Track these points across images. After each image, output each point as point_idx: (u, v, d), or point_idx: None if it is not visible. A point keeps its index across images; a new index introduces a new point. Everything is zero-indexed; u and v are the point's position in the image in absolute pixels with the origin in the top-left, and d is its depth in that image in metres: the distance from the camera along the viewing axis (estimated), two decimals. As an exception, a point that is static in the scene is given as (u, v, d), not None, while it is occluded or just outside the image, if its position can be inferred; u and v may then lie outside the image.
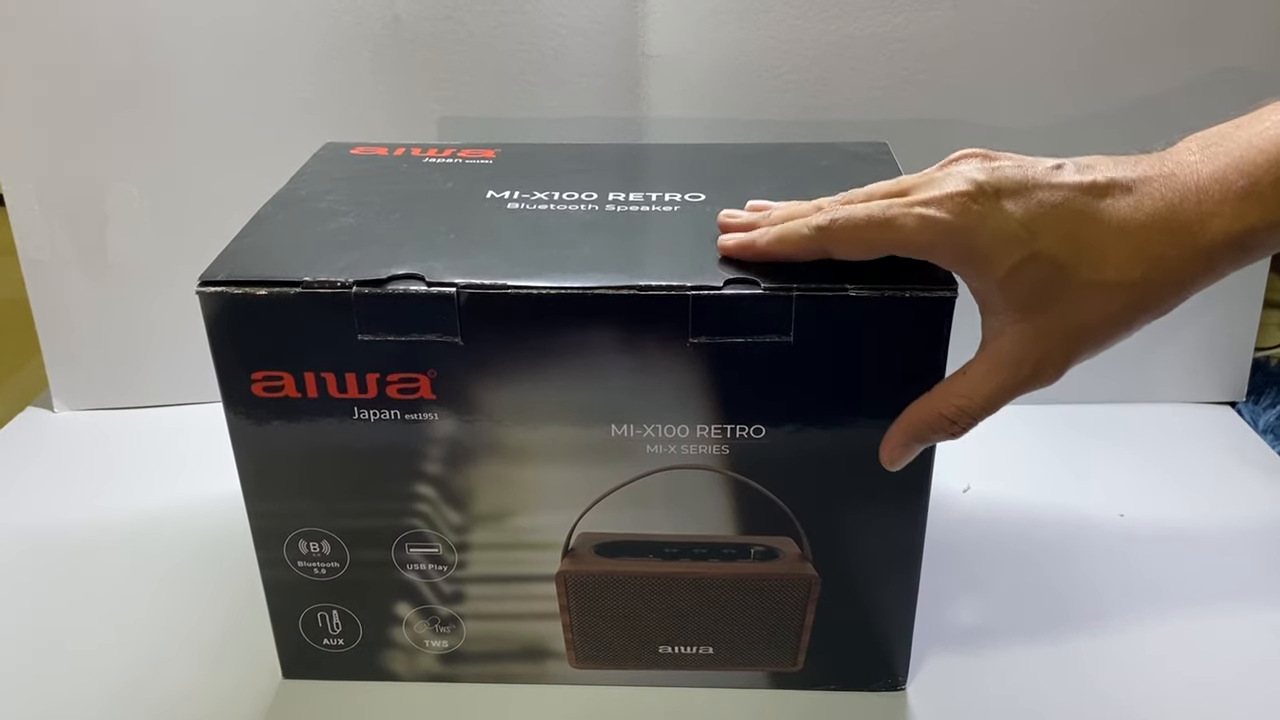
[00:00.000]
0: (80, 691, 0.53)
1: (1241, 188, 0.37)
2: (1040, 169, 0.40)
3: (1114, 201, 0.39)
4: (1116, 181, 0.39)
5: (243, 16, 0.68)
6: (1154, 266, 0.38)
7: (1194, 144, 0.40)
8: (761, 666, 0.52)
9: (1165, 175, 0.39)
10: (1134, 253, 0.38)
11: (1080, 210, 0.39)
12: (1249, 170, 0.37)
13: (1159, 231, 0.38)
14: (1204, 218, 0.38)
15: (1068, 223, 0.39)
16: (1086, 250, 0.39)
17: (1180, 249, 0.38)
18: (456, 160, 0.57)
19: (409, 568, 0.50)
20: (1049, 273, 0.39)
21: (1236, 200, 0.37)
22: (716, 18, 0.68)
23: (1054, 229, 0.39)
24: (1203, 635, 0.56)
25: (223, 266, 0.45)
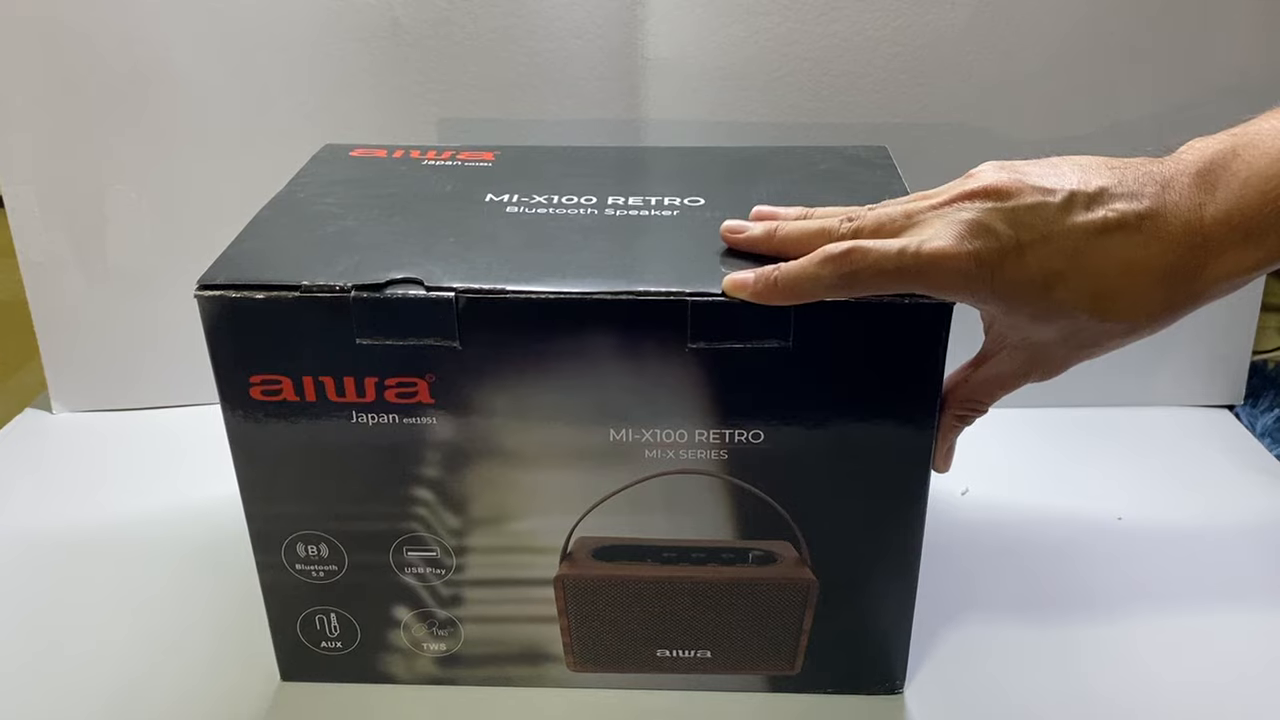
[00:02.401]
0: (78, 693, 0.53)
1: (1243, 233, 0.38)
2: (1051, 209, 0.40)
3: (1123, 244, 0.40)
4: (1125, 220, 0.40)
5: (242, 19, 0.68)
6: (1159, 306, 0.40)
7: (1193, 170, 0.40)
8: (759, 670, 0.52)
9: (1169, 212, 0.40)
10: (1141, 296, 0.40)
11: (1094, 256, 0.40)
12: (1250, 213, 0.38)
13: (1164, 275, 0.40)
14: (1206, 264, 0.39)
15: (1082, 271, 0.40)
16: (1100, 294, 0.40)
17: (1182, 292, 0.40)
18: (456, 162, 0.57)
19: (407, 571, 0.50)
20: (1067, 316, 0.41)
21: (1237, 246, 0.39)
22: (716, 20, 0.68)
23: (1072, 284, 0.40)
24: (1201, 637, 0.56)
25: (221, 269, 0.45)
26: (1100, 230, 0.40)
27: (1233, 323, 0.75)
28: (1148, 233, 0.39)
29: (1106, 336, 0.42)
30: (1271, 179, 0.38)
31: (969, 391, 0.46)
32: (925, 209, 0.42)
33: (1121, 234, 0.40)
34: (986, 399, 0.46)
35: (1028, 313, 0.41)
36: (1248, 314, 0.74)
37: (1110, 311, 0.40)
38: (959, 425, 0.47)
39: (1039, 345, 0.43)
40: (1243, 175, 0.39)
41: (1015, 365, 0.44)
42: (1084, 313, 0.40)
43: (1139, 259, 0.39)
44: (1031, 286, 0.40)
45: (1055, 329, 0.42)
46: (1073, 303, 0.40)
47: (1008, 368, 0.45)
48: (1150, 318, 0.41)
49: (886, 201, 0.45)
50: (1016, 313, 0.42)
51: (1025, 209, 0.41)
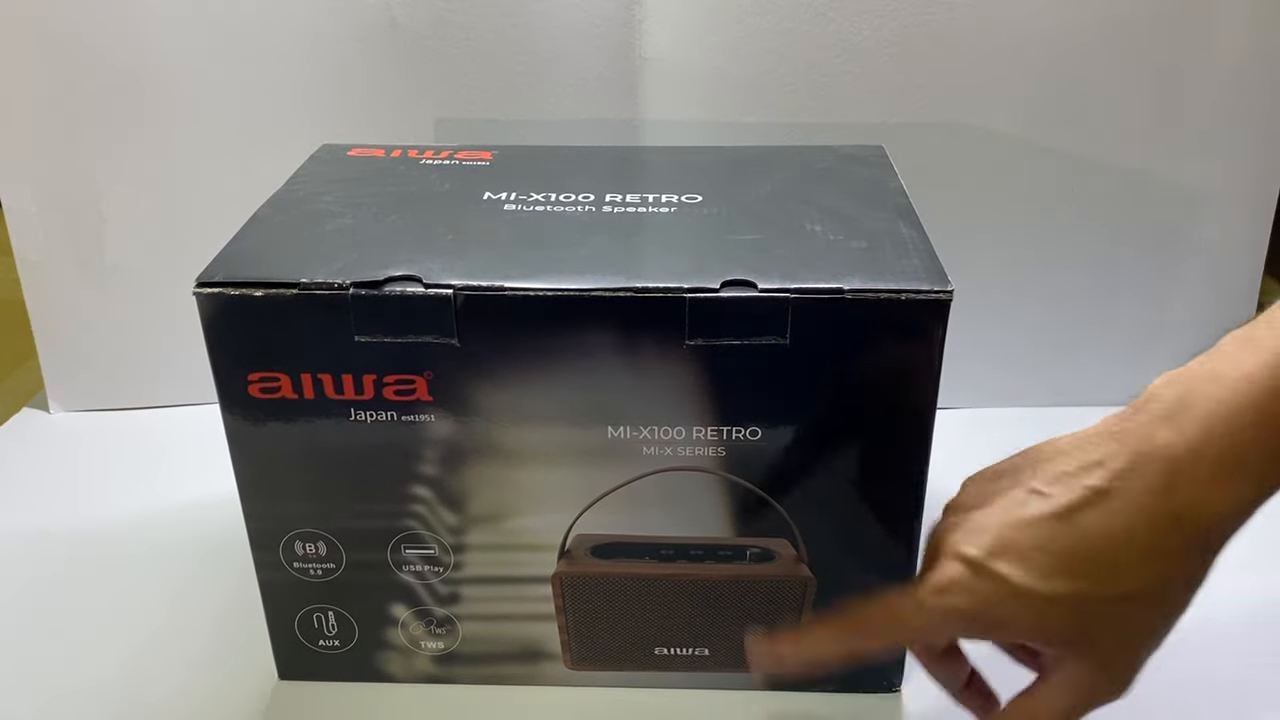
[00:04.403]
0: (75, 693, 0.53)
1: (1223, 470, 0.35)
2: (1011, 514, 0.39)
3: (1104, 514, 0.37)
4: (1094, 489, 0.37)
5: (240, 19, 0.68)
6: (1163, 562, 0.37)
7: (1160, 409, 0.37)
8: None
9: (1142, 462, 0.36)
10: (1139, 561, 0.37)
11: (1070, 540, 0.37)
12: (1225, 451, 0.35)
13: (1154, 532, 0.36)
14: (1196, 503, 0.36)
15: (1067, 556, 0.37)
16: (1096, 573, 0.37)
17: (1182, 538, 0.36)
18: (453, 162, 0.57)
19: (405, 569, 0.50)
20: (1071, 608, 0.38)
21: (1220, 484, 0.36)
22: (713, 20, 0.68)
23: (1056, 569, 0.37)
24: (1198, 632, 0.56)
25: (219, 268, 0.45)
26: (1068, 511, 0.37)
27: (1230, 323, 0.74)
28: (1123, 494, 0.36)
29: (1138, 625, 0.39)
30: (1241, 409, 0.35)
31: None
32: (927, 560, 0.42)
33: (1097, 503, 0.37)
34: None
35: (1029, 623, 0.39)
36: (1245, 314, 0.74)
37: (1114, 584, 0.37)
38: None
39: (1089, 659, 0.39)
40: (1206, 409, 0.36)
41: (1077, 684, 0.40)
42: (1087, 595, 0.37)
43: (1126, 523, 0.37)
44: (1024, 598, 0.38)
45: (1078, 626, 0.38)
46: (1070, 590, 0.37)
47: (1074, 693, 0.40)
48: (1161, 579, 0.37)
49: None
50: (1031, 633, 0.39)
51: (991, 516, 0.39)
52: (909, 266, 0.44)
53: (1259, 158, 0.71)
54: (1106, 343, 0.75)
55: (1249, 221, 0.73)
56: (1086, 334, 0.75)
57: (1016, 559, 0.38)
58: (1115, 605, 0.38)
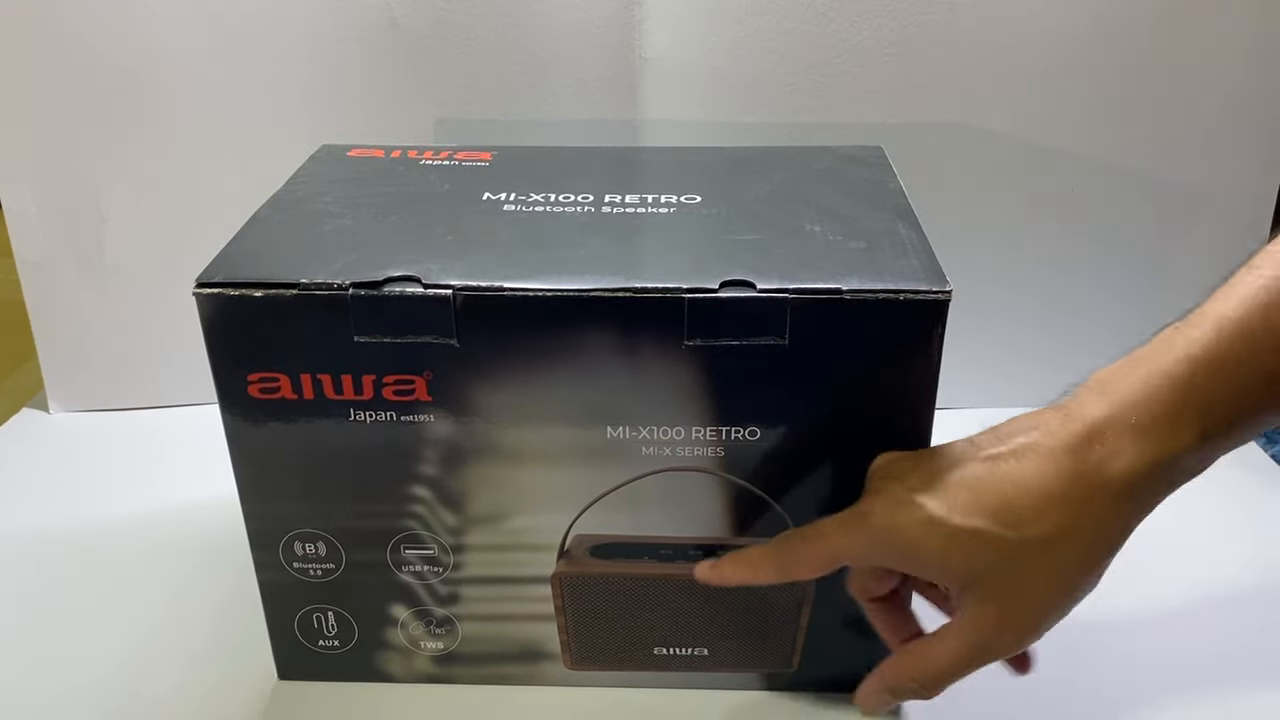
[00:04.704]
0: (75, 693, 0.53)
1: (1136, 427, 0.38)
2: (942, 457, 0.41)
3: (1020, 462, 0.39)
4: (1022, 444, 0.40)
5: (239, 19, 0.68)
6: (1072, 513, 0.39)
7: (1092, 384, 0.40)
8: (757, 668, 0.52)
9: (1068, 424, 0.39)
10: (1045, 503, 0.39)
11: (988, 482, 0.39)
12: (1141, 410, 0.38)
13: (1066, 479, 0.39)
14: (1109, 458, 0.38)
15: (984, 491, 0.39)
16: (1009, 513, 0.39)
17: (1092, 491, 0.38)
18: (453, 162, 0.57)
19: (404, 569, 0.50)
20: (974, 544, 0.39)
21: (1133, 440, 0.38)
22: (713, 20, 0.68)
23: (965, 502, 0.39)
24: (1195, 635, 0.56)
25: (219, 268, 0.45)
26: (995, 456, 0.40)
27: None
28: (1043, 447, 0.39)
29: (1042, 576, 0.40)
30: (1161, 374, 0.38)
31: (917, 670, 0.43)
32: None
33: (1020, 454, 0.39)
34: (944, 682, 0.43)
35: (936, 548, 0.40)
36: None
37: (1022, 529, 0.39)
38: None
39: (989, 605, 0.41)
40: (1136, 377, 0.39)
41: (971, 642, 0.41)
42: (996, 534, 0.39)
43: (1040, 469, 0.39)
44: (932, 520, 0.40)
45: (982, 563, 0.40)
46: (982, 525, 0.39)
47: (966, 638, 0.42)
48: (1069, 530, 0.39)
49: None
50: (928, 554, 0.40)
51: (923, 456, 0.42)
52: (908, 267, 0.44)
53: (1259, 157, 0.71)
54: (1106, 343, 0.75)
55: (1249, 221, 0.73)
56: (1086, 334, 0.75)
57: (937, 491, 0.40)
58: (1021, 550, 0.39)
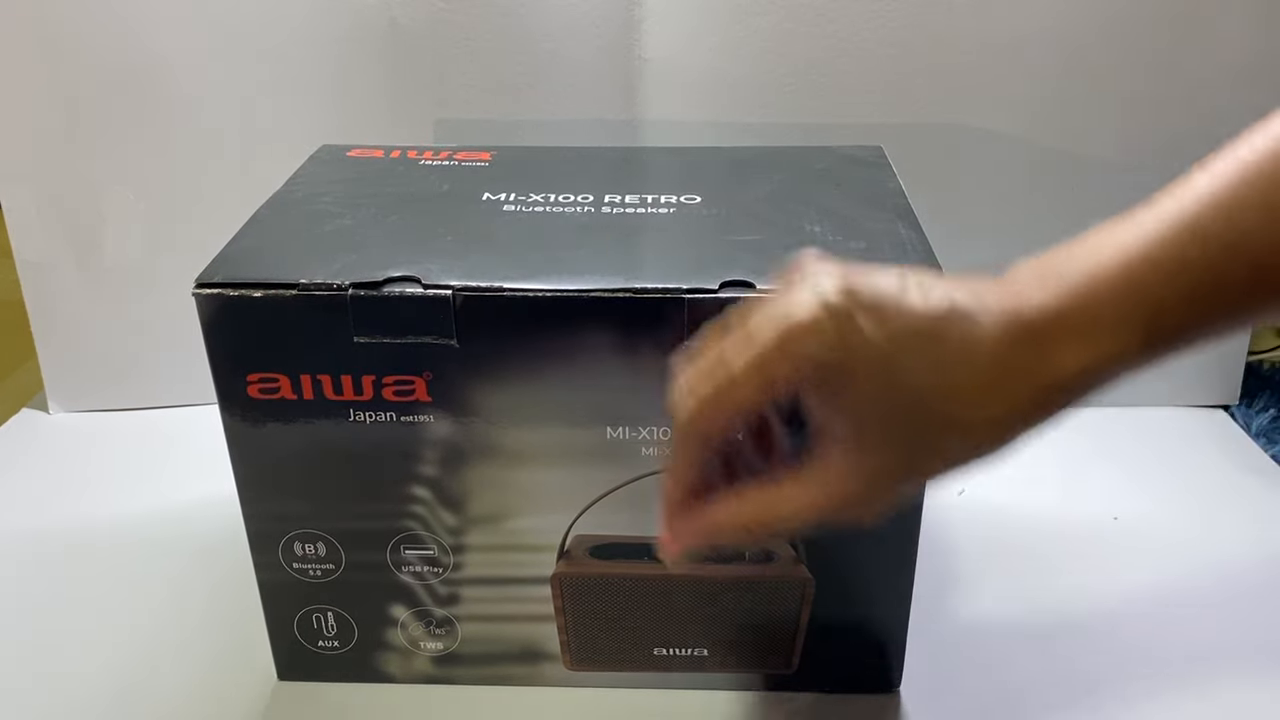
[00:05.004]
0: (75, 693, 0.53)
1: (1077, 326, 0.35)
2: (889, 287, 0.37)
3: (960, 333, 0.36)
4: (965, 311, 0.36)
5: (239, 19, 0.68)
6: (991, 406, 0.36)
7: (1034, 270, 0.37)
8: (756, 668, 0.52)
9: (1010, 313, 0.36)
10: (982, 390, 0.36)
11: (932, 336, 0.36)
12: (1085, 306, 0.35)
13: (995, 371, 0.36)
14: (1044, 358, 0.36)
15: (923, 347, 0.36)
16: (945, 379, 0.36)
17: (1026, 388, 0.36)
18: (453, 162, 0.57)
19: (404, 569, 0.50)
20: (907, 398, 0.36)
21: (1073, 340, 0.35)
22: (712, 21, 0.68)
23: (913, 352, 0.36)
24: (1197, 636, 0.56)
25: (219, 268, 0.45)
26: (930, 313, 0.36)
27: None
28: (979, 325, 0.36)
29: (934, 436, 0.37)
30: (1109, 267, 0.35)
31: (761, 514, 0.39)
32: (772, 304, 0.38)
33: (955, 322, 0.36)
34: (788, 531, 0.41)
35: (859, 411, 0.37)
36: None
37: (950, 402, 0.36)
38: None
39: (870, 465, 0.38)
40: (1076, 268, 0.36)
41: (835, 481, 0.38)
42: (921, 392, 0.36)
43: (978, 352, 0.36)
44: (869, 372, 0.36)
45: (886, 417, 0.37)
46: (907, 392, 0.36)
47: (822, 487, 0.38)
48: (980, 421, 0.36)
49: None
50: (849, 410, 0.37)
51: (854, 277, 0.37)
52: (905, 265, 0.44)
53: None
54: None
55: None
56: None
57: (880, 322, 0.36)
58: (940, 420, 0.36)
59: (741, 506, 0.39)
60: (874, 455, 0.37)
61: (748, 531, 0.39)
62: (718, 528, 0.39)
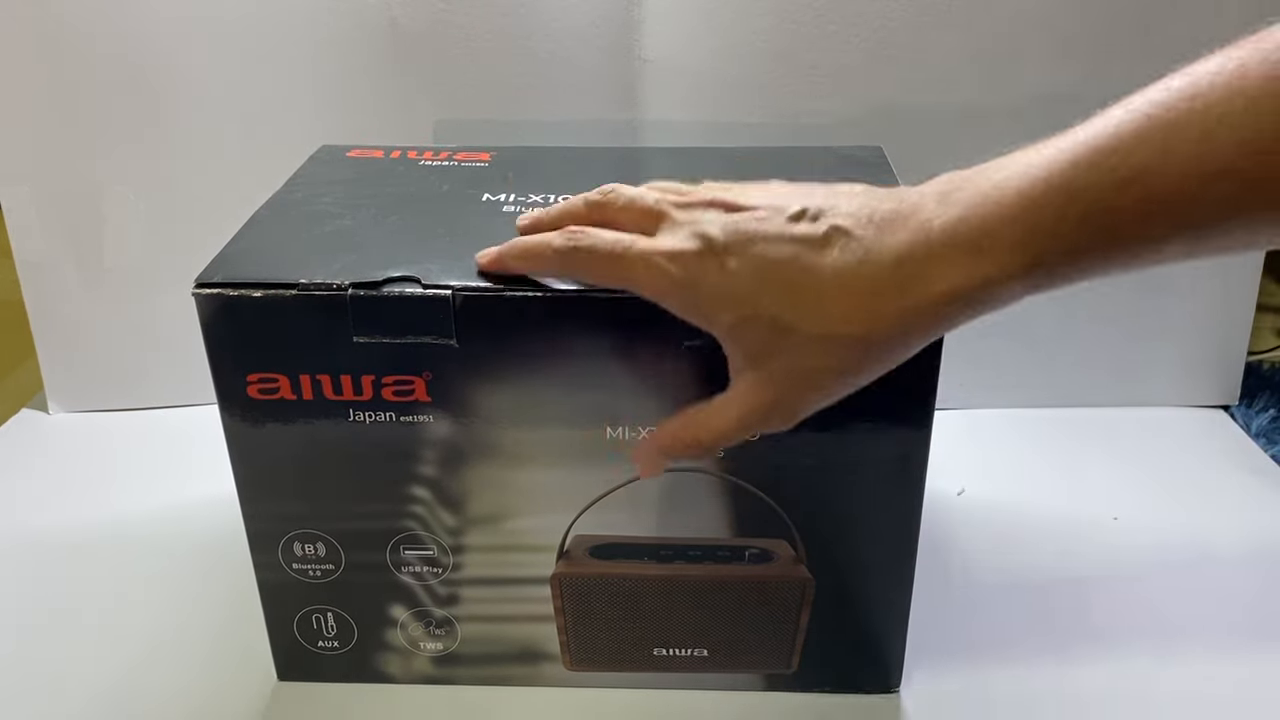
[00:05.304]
0: (74, 693, 0.53)
1: (970, 243, 0.36)
2: (774, 223, 0.39)
3: (840, 254, 0.37)
4: (847, 231, 0.37)
5: (239, 19, 0.68)
6: (876, 320, 0.37)
7: (936, 188, 0.38)
8: (756, 669, 0.52)
9: (899, 223, 0.37)
10: (855, 307, 0.37)
11: (804, 265, 0.38)
12: (978, 224, 0.36)
13: (883, 285, 0.37)
14: (929, 274, 0.36)
15: (789, 278, 0.38)
16: (807, 305, 0.38)
17: (904, 303, 0.37)
18: (452, 163, 0.57)
19: (404, 570, 0.50)
20: (770, 328, 0.38)
21: (964, 256, 0.36)
22: (712, 21, 0.68)
23: (775, 286, 0.38)
24: (1197, 637, 0.56)
25: (218, 268, 0.45)
26: (819, 241, 0.37)
27: (1228, 323, 0.75)
28: (869, 245, 0.37)
29: (828, 366, 0.39)
30: (1007, 188, 0.36)
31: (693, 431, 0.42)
32: (664, 212, 0.41)
33: (843, 245, 0.37)
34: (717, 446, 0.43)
35: (729, 321, 0.39)
36: (1243, 314, 0.75)
37: (823, 321, 0.37)
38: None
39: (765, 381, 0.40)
40: (980, 188, 0.36)
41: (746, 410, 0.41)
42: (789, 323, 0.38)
43: (857, 270, 0.37)
44: (736, 300, 0.38)
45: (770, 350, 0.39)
46: (781, 314, 0.38)
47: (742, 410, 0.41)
48: (862, 337, 0.38)
49: (654, 184, 0.43)
50: (727, 333, 0.39)
51: (746, 218, 0.39)
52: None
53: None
54: (1105, 343, 0.75)
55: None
56: (1085, 334, 0.75)
57: (751, 264, 0.38)
58: (815, 344, 0.38)
59: (677, 424, 0.43)
60: (763, 373, 0.40)
61: (687, 446, 0.42)
62: (663, 446, 0.43)
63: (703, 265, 0.39)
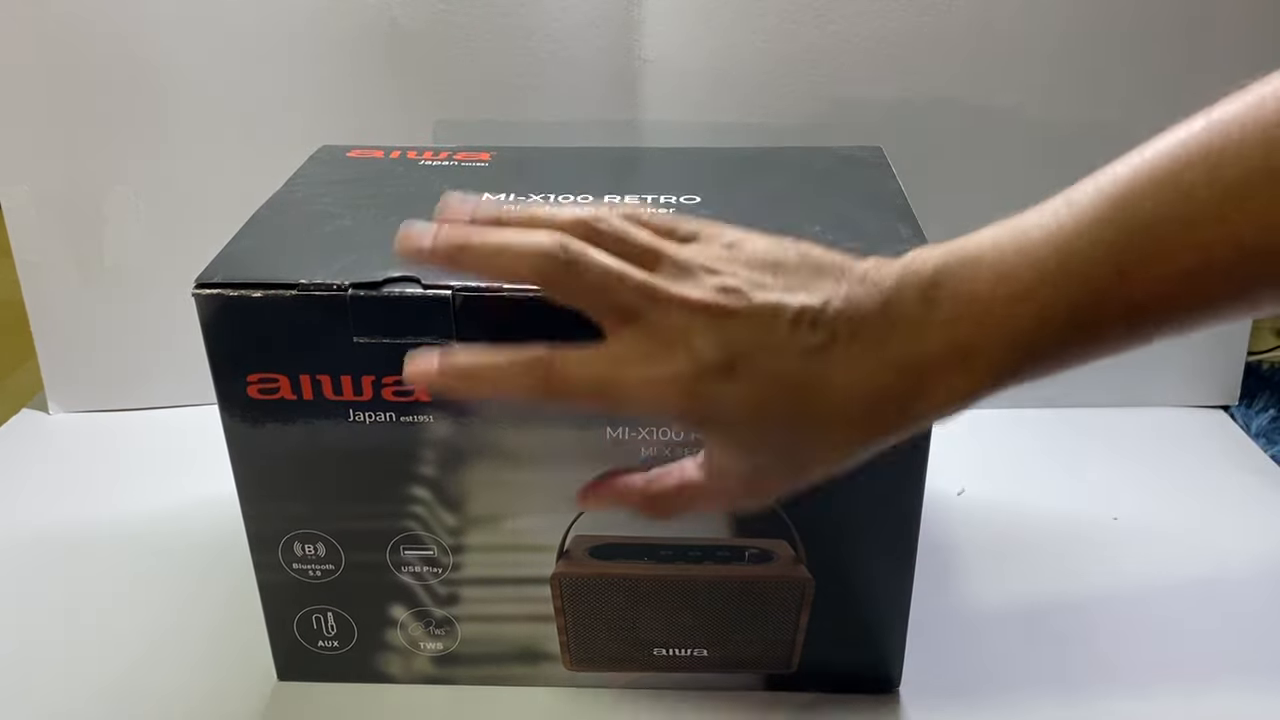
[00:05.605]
0: (74, 694, 0.53)
1: (963, 354, 0.35)
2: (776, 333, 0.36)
3: (842, 364, 0.36)
4: (844, 338, 0.36)
5: (239, 19, 0.68)
6: (878, 429, 0.37)
7: (918, 286, 0.36)
8: (756, 669, 0.52)
9: (889, 329, 0.36)
10: (858, 419, 0.37)
11: (808, 377, 0.36)
12: (969, 335, 0.35)
13: (885, 397, 0.36)
14: (928, 386, 0.36)
15: (793, 391, 0.36)
16: (811, 419, 0.37)
17: (906, 413, 0.37)
18: (452, 163, 0.57)
19: (404, 570, 0.50)
20: (776, 441, 0.38)
21: (959, 366, 0.35)
22: (712, 21, 0.68)
23: (779, 404, 0.36)
24: (1197, 637, 0.56)
25: (218, 269, 0.45)
26: (818, 350, 0.36)
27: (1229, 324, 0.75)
28: (861, 360, 0.36)
29: (815, 461, 0.38)
30: (989, 300, 0.35)
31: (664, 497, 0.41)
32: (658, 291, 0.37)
33: (841, 351, 0.36)
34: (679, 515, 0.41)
35: (734, 435, 0.38)
36: (1243, 314, 0.74)
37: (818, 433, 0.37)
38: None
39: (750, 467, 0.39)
40: (964, 293, 0.35)
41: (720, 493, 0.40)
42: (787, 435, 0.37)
43: (857, 385, 0.36)
44: (735, 417, 0.37)
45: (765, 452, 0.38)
46: (779, 425, 0.37)
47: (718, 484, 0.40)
48: (865, 439, 0.37)
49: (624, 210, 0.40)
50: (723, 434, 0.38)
51: (744, 328, 0.36)
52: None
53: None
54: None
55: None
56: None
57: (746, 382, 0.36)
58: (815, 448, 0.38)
59: (645, 489, 0.42)
60: (752, 464, 0.39)
61: (654, 511, 0.42)
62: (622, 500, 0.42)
63: (701, 389, 0.36)
